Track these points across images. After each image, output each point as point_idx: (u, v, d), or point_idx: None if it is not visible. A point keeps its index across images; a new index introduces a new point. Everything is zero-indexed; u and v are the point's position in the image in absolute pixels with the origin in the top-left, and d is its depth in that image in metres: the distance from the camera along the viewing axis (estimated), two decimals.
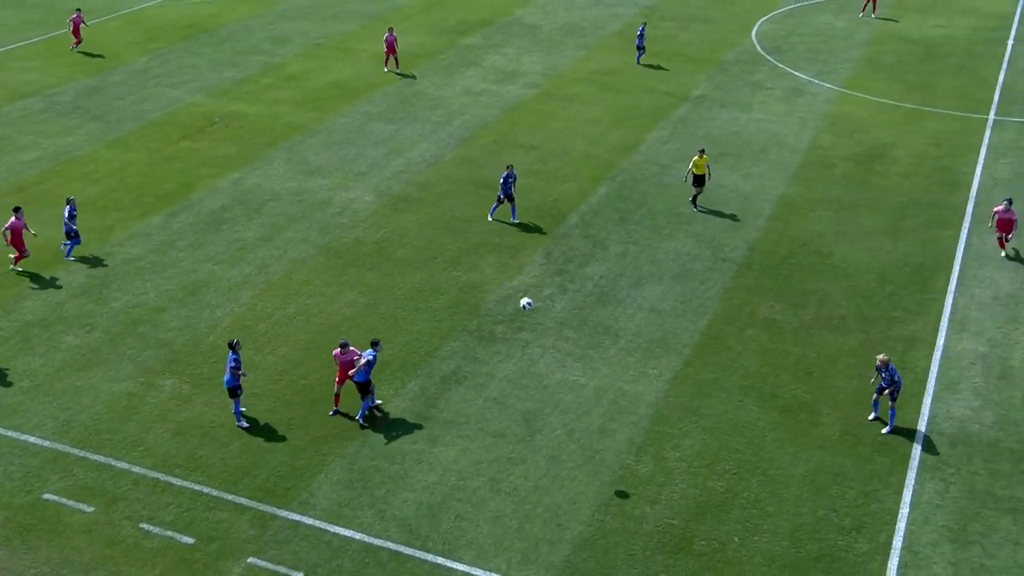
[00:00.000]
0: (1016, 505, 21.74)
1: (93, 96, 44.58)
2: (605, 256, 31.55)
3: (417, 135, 40.49)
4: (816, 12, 57.26)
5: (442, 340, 27.35)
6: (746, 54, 50.16)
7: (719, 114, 42.64)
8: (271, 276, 30.49)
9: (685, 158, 38.07)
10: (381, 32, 53.34)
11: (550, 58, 49.58)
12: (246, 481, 22.38)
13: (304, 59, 49.48)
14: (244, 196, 35.40)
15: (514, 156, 38.32)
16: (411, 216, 34.09)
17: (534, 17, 56.45)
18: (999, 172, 37.24)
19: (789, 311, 28.66)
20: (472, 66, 48.54)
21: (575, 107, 43.46)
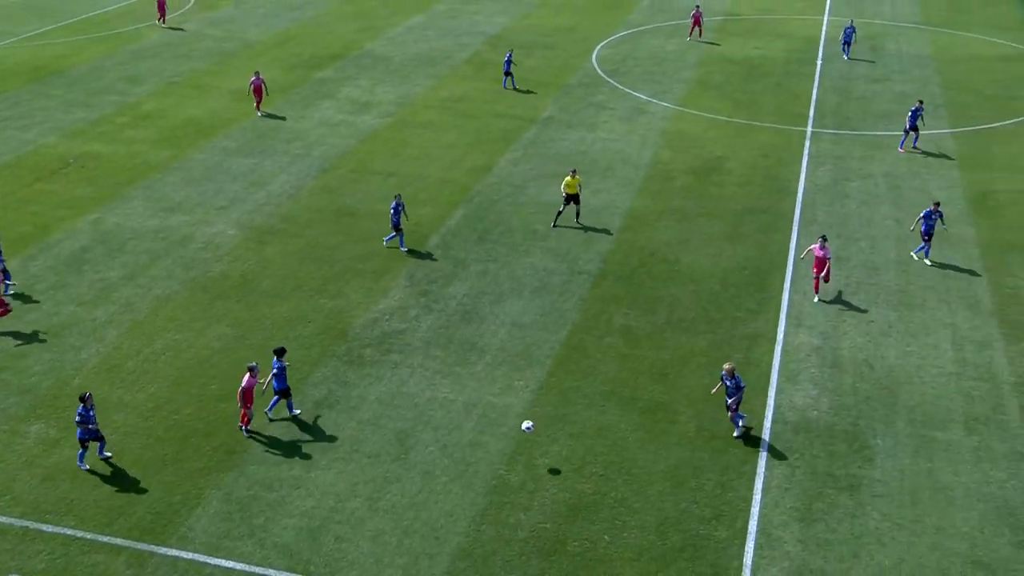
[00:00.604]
0: (852, 482, 22.57)
1: None
2: (466, 275, 31.56)
3: (277, 168, 39.81)
4: (649, 37, 58.71)
5: (313, 366, 26.87)
6: (588, 77, 51.03)
7: (566, 135, 43.22)
8: (137, 314, 29.46)
9: (537, 178, 38.46)
10: (236, 69, 52.40)
11: (403, 88, 49.49)
12: (121, 521, 21.49)
13: (159, 97, 48.15)
14: (104, 236, 34.15)
15: (373, 183, 38.07)
16: (275, 247, 33.46)
17: (384, 49, 56.28)
18: (820, 179, 38.75)
19: (642, 317, 29.16)
20: (327, 98, 48.06)
21: (429, 134, 43.44)
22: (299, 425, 24.49)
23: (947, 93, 48.46)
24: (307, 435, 24.17)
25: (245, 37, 58.79)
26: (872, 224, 34.91)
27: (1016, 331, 28.42)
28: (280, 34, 59.36)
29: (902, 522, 21.43)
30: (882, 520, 21.48)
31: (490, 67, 52.62)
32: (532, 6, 66.21)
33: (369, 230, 34.44)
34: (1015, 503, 21.96)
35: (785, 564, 20.35)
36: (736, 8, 65.59)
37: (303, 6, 66.71)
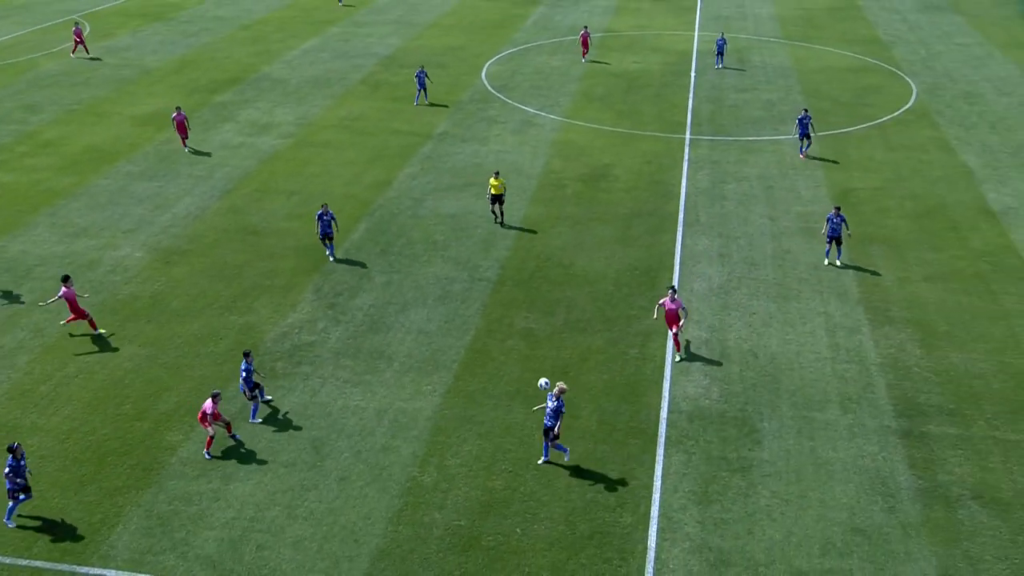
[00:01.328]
0: (743, 464, 23.09)
1: None
2: (371, 287, 31.31)
3: (181, 190, 38.91)
4: (534, 54, 59.15)
5: (226, 382, 26.32)
6: (479, 93, 51.16)
7: (461, 148, 43.25)
8: (47, 339, 28.45)
9: (435, 190, 38.39)
10: (135, 95, 51.05)
11: (301, 108, 48.88)
12: (41, 544, 20.72)
13: (59, 125, 46.61)
14: (10, 263, 32.89)
15: (276, 202, 37.50)
16: (183, 267, 32.69)
17: (281, 72, 55.50)
18: (700, 182, 39.58)
19: (542, 319, 29.35)
20: (227, 121, 47.17)
21: (329, 152, 43.00)
22: (215, 439, 23.95)
23: (808, 100, 50.00)
24: (224, 449, 23.66)
25: (143, 64, 57.30)
26: (749, 223, 35.79)
27: (879, 316, 29.46)
28: (177, 60, 58.03)
29: (789, 498, 22.01)
30: (772, 497, 22.02)
31: (385, 87, 52.36)
32: (422, 27, 66.09)
33: (275, 247, 33.91)
34: (885, 473, 22.76)
35: (686, 544, 20.70)
36: (614, 25, 66.58)
37: (199, 33, 65.35)
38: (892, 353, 27.54)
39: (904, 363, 27.07)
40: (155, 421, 24.66)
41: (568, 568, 20.11)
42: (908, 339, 28.24)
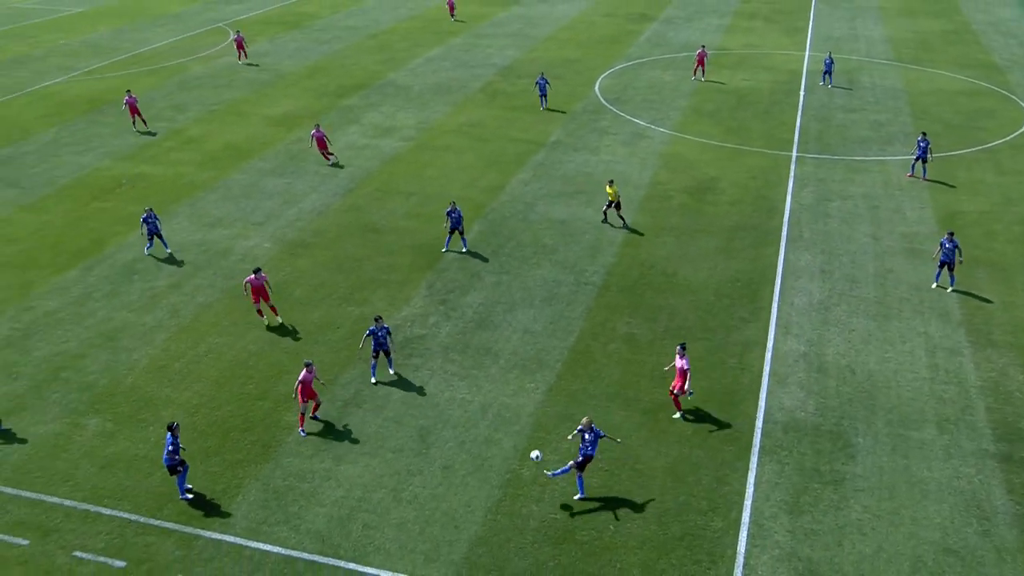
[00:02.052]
0: (835, 477, 22.49)
1: (7, 165, 42.60)
2: (482, 286, 31.55)
3: (307, 187, 39.88)
4: (647, 69, 58.71)
5: (342, 368, 26.88)
6: (592, 105, 51.05)
7: (572, 157, 43.22)
8: (182, 319, 29.52)
9: (546, 196, 38.46)
10: (271, 97, 52.52)
11: (422, 114, 49.54)
12: (170, 507, 21.52)
13: (202, 124, 48.29)
14: (154, 249, 34.21)
15: (396, 201, 38.10)
16: (306, 259, 33.50)
17: (405, 79, 56.36)
18: (804, 199, 38.69)
19: (644, 325, 29.12)
20: (353, 124, 48.13)
21: (448, 156, 43.47)
22: (328, 422, 24.49)
23: (917, 123, 48.39)
24: (337, 431, 24.18)
25: (279, 69, 58.91)
26: (852, 241, 34.83)
27: (982, 339, 28.32)
28: (310, 66, 59.48)
29: (881, 514, 21.36)
30: (863, 512, 21.40)
31: (502, 96, 52.68)
32: (539, 40, 66.28)
33: (392, 244, 34.47)
34: (981, 496, 21.88)
35: (775, 552, 20.28)
36: (726, 43, 65.61)
37: (331, 40, 66.86)
38: (993, 377, 26.44)
39: (1006, 387, 25.97)
40: (275, 401, 25.34)
41: (658, 567, 19.91)
42: (1011, 363, 27.08)
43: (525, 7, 79.09)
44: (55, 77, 57.28)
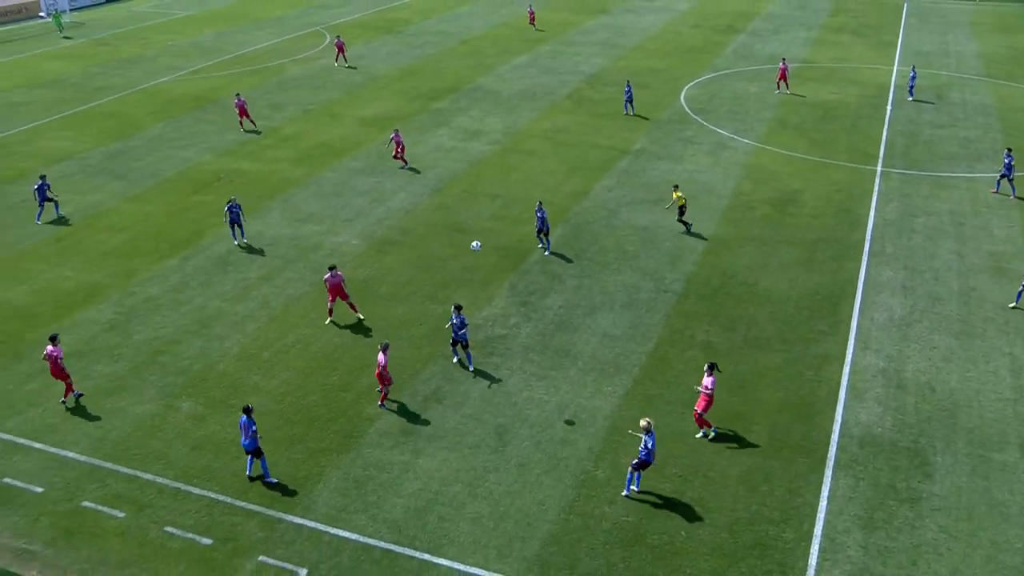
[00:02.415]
0: (911, 495, 21.81)
1: (117, 159, 44.01)
2: (563, 289, 31.46)
3: (396, 186, 40.29)
4: (733, 80, 57.88)
5: (423, 364, 27.07)
6: (677, 114, 50.54)
7: (656, 165, 42.83)
8: (272, 310, 30.08)
9: (629, 203, 38.18)
10: (363, 99, 53.23)
11: (509, 118, 49.65)
12: (255, 490, 21.94)
13: (297, 123, 49.18)
14: (247, 242, 34.96)
15: (481, 203, 38.25)
16: (393, 257, 33.84)
17: (494, 84, 56.55)
18: (888, 214, 37.67)
19: (722, 334, 28.68)
20: (442, 126, 48.48)
21: (533, 160, 43.49)
22: (408, 416, 24.68)
23: (1008, 140, 46.72)
24: (416, 425, 24.35)
25: (372, 72, 59.69)
26: (936, 258, 33.79)
27: None
28: (403, 69, 60.11)
29: (958, 535, 20.65)
30: (939, 532, 20.72)
31: (588, 103, 52.50)
32: (627, 49, 65.87)
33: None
34: None
35: (847, 567, 19.76)
36: (813, 56, 64.31)
37: (423, 45, 67.49)
38: None
39: None
40: (358, 393, 25.64)
41: (728, 575, 19.56)
42: None
43: (613, 16, 78.72)
44: (164, 76, 58.98)
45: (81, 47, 67.55)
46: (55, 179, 41.16)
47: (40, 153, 44.64)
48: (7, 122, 49.61)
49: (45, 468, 22.67)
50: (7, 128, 48.59)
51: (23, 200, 38.90)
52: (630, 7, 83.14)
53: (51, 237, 35.30)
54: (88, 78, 58.76)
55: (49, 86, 56.73)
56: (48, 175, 41.54)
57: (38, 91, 55.60)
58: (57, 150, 45.10)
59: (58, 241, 34.98)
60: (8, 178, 41.46)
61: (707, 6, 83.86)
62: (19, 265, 33.16)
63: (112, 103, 52.94)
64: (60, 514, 21.20)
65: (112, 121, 49.65)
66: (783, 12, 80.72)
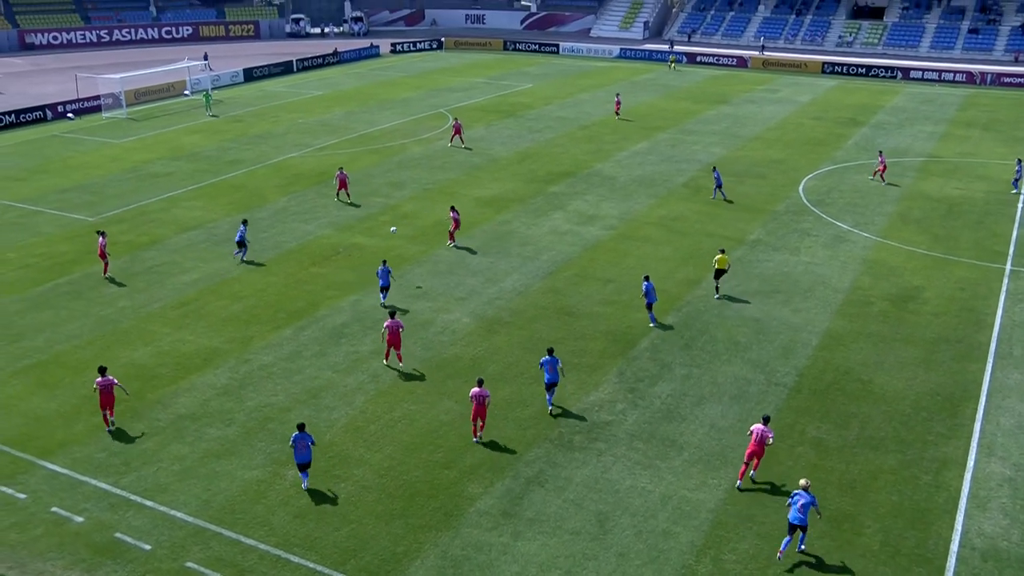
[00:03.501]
0: None
1: None
2: (671, 377, 31.14)
3: (509, 267, 40.86)
4: (853, 172, 57.05)
5: (527, 446, 27.05)
6: (794, 206, 50.00)
7: (772, 256, 42.31)
8: (381, 384, 30.66)
9: (744, 294, 37.74)
10: (481, 180, 54.50)
11: (625, 204, 50.00)
12: (352, 562, 22.14)
13: (416, 201, 50.62)
14: (361, 315, 35.92)
15: (593, 287, 38.40)
16: (503, 337, 34.18)
17: (612, 170, 57.17)
18: (1018, 315, 36.15)
19: (834, 431, 27.80)
20: (558, 209, 49.13)
21: (647, 247, 43.56)
22: (510, 497, 24.62)
23: None
24: (517, 507, 24.25)
25: (491, 153, 61.17)
26: None
27: None
28: (521, 152, 61.41)
29: None
30: None
31: (704, 191, 52.48)
32: (746, 139, 65.81)
33: (586, 329, 34.67)
34: None
35: None
36: (939, 151, 62.96)
37: (542, 129, 68.91)
38: None
39: None
40: (460, 472, 25.76)
41: None
42: None
43: (734, 106, 78.94)
44: (291, 152, 61.78)
45: (218, 123, 71.49)
46: (183, 247, 43.31)
47: (174, 221, 47.12)
48: (148, 191, 52.64)
49: (155, 526, 23.42)
50: (148, 196, 51.53)
51: (155, 265, 40.98)
52: (751, 98, 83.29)
53: (176, 302, 37.01)
54: (222, 151, 62.03)
55: (187, 158, 60.11)
56: (178, 242, 43.74)
57: (177, 163, 58.94)
58: (189, 219, 47.52)
59: (183, 306, 36.65)
60: (143, 244, 43.82)
61: (830, 98, 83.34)
62: (146, 327, 34.81)
63: (242, 176, 55.67)
64: (165, 572, 21.80)
65: (241, 193, 52.13)
66: (909, 106, 79.51)
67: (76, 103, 75.84)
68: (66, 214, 48.69)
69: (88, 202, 50.74)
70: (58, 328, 34.79)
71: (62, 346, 33.32)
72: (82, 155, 61.65)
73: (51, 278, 39.79)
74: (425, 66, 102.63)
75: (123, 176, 55.84)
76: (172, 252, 42.82)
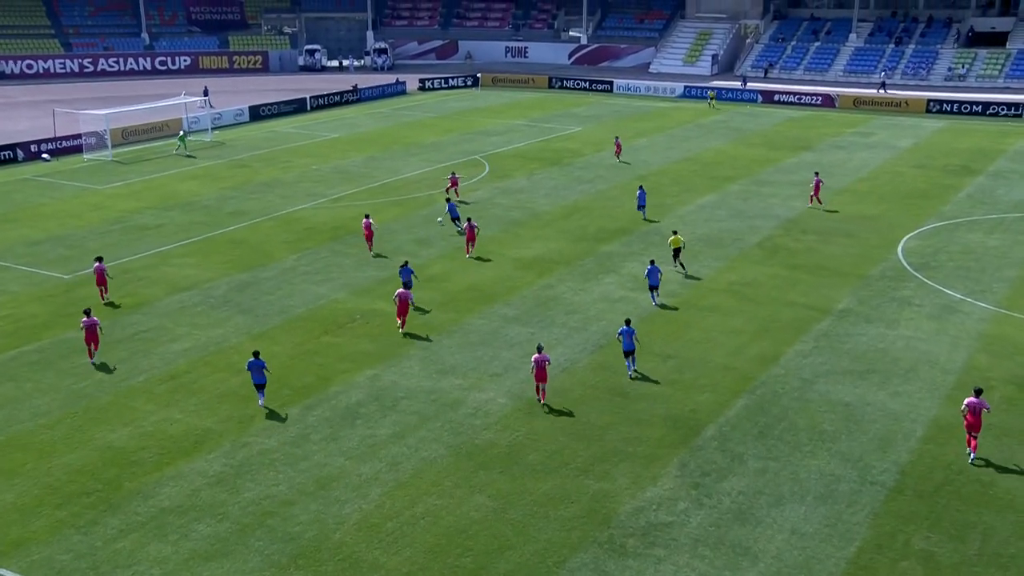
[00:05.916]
0: None
1: (244, 291, 46.62)
2: (743, 471, 30.72)
3: (554, 339, 40.83)
4: (965, 230, 56.67)
5: (572, 551, 26.72)
6: (892, 270, 49.66)
7: (864, 329, 41.88)
8: (401, 474, 30.55)
9: (829, 373, 37.36)
10: (522, 239, 54.80)
11: (688, 267, 49.91)
12: None
13: (445, 261, 50.97)
14: (379, 393, 35.99)
15: (650, 364, 38.22)
16: (544, 421, 34.01)
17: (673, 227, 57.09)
18: None
19: (948, 544, 27.13)
20: (610, 273, 49.19)
21: (713, 317, 43.37)
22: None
23: None
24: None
25: (533, 207, 61.62)
26: None
27: None
28: (568, 206, 61.79)
29: None
30: None
31: (782, 252, 52.35)
32: (833, 192, 65.69)
33: (642, 412, 34.43)
34: None
35: None
36: None
37: (593, 180, 69.39)
38: None
39: None
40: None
41: None
42: None
43: (818, 153, 79.11)
44: (302, 203, 62.71)
45: (218, 168, 72.89)
46: (174, 310, 43.83)
47: (164, 280, 47.81)
48: (133, 245, 53.56)
49: None
50: (133, 252, 52.41)
51: (140, 331, 41.48)
52: (839, 143, 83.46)
53: (164, 374, 37.35)
54: (222, 201, 63.11)
55: (181, 208, 61.22)
56: (168, 305, 44.30)
57: (169, 213, 60.03)
58: (181, 278, 48.19)
59: (172, 379, 36.96)
60: (127, 307, 44.42)
61: (936, 143, 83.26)
62: (127, 403, 35.09)
63: (244, 230, 56.48)
64: None
65: (242, 249, 52.84)
66: None
67: (52, 142, 77.86)
68: (37, 270, 49.66)
69: (63, 257, 51.72)
70: (20, 404, 35.21)
71: (24, 425, 33.67)
72: (58, 202, 63.09)
73: (15, 344, 40.41)
74: (458, 106, 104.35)
75: (105, 227, 56.94)
76: (160, 316, 43.35)
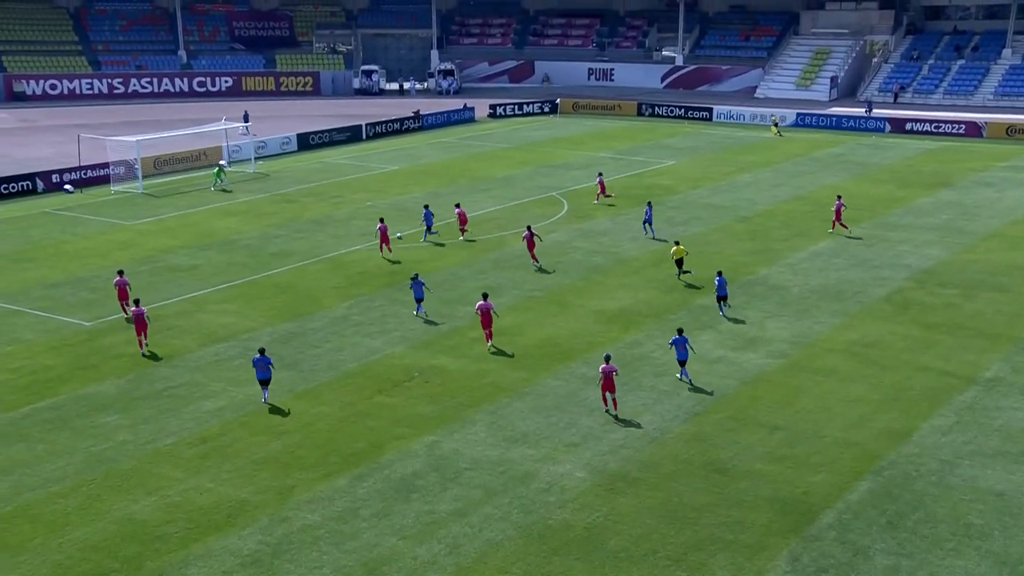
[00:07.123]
0: None
1: (289, 343, 46.91)
2: (869, 569, 29.88)
3: (640, 405, 40.39)
4: None
5: None
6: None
7: (1020, 403, 40.67)
8: (462, 558, 30.24)
9: (975, 455, 36.31)
10: (604, 286, 54.51)
11: (800, 324, 49.26)
12: None
13: (516, 312, 50.83)
14: (439, 462, 35.79)
15: (754, 436, 37.61)
16: (629, 499, 33.54)
17: (782, 276, 56.60)
18: None
19: None
20: (707, 329, 48.66)
21: (830, 383, 42.61)
22: None
23: None
24: None
25: (618, 252, 61.40)
26: None
27: None
28: (659, 252, 61.43)
29: None
30: None
31: (915, 308, 51.41)
32: (977, 237, 64.62)
33: (745, 493, 33.79)
34: None
35: None
36: None
37: (688, 221, 69.09)
38: None
39: None
40: None
41: None
42: None
43: (960, 191, 77.98)
44: (356, 244, 63.22)
45: (261, 203, 73.93)
46: (208, 363, 44.17)
47: (198, 329, 48.32)
48: (165, 289, 54.31)
49: None
50: (164, 296, 53.12)
51: (169, 387, 41.86)
52: (987, 179, 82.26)
53: (194, 437, 37.57)
54: (265, 240, 63.86)
55: (219, 247, 62.04)
56: (202, 357, 44.67)
57: (206, 253, 60.88)
58: (217, 327, 48.66)
59: (203, 442, 37.15)
60: (156, 358, 44.87)
61: None
62: (152, 470, 35.29)
63: (290, 273, 56.93)
64: None
65: (287, 296, 53.26)
66: None
67: (76, 171, 79.69)
68: (55, 316, 50.51)
69: (84, 301, 52.58)
70: (31, 469, 35.57)
71: (34, 494, 33.97)
72: (81, 239, 64.36)
73: (28, 400, 40.98)
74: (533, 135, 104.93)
75: (134, 268, 57.82)
76: (193, 370, 43.71)
